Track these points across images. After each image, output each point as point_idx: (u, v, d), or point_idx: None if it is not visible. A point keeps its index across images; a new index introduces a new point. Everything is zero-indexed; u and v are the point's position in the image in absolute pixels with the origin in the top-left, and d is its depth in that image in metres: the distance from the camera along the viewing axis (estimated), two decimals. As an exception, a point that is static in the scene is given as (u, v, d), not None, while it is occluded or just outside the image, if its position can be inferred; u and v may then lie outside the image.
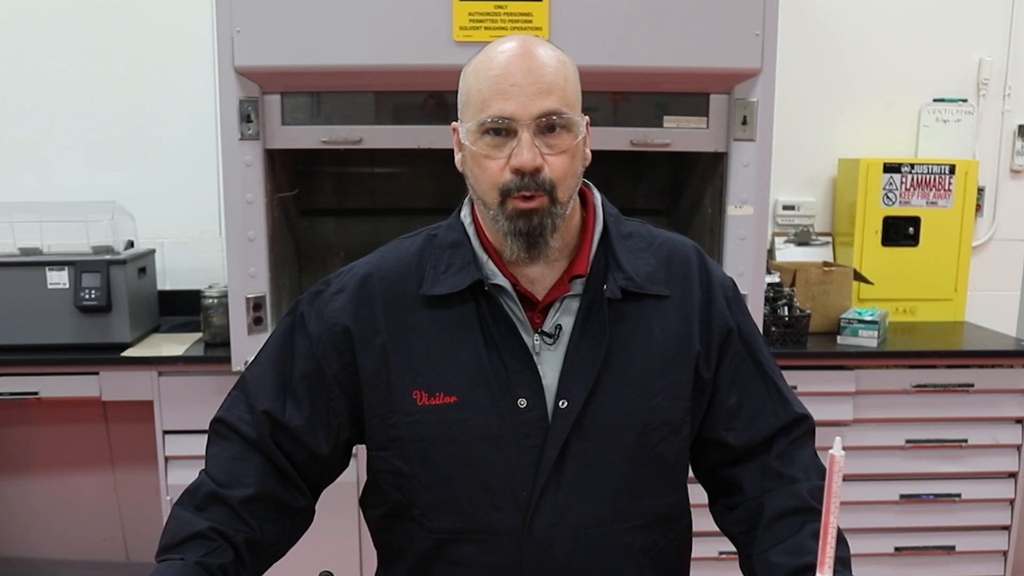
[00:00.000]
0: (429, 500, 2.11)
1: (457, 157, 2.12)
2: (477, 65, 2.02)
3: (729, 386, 2.18)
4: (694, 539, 2.41)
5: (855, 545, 4.88)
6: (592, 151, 2.08)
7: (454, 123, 2.10)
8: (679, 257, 2.20)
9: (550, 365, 2.07)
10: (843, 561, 1.91)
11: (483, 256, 2.11)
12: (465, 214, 2.19)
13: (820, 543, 1.69)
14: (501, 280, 2.07)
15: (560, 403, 2.04)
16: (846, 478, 4.96)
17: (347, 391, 2.15)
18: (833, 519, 1.67)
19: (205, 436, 2.23)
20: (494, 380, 2.05)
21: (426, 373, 2.08)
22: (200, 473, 2.15)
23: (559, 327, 2.09)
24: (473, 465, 2.06)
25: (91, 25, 5.27)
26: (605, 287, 2.09)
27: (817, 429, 2.28)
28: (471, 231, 2.15)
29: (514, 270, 2.10)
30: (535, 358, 2.06)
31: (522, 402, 2.04)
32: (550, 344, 2.08)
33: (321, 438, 2.16)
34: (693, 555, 2.41)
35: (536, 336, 2.08)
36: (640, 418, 2.08)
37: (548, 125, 1.96)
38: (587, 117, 2.07)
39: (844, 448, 1.82)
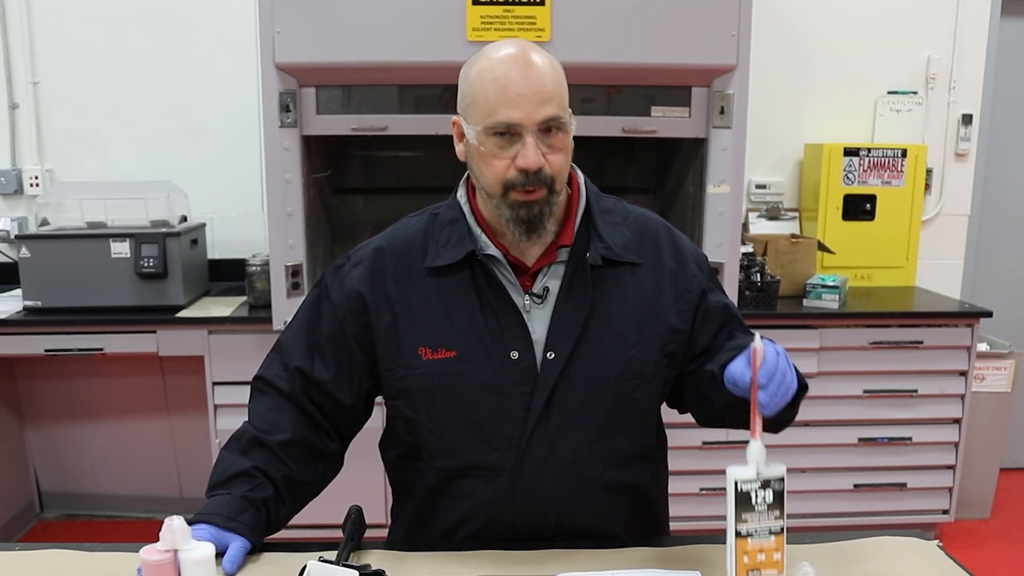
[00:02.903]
0: (434, 443, 2.17)
1: (458, 147, 2.17)
2: (481, 72, 2.04)
3: (701, 330, 2.23)
4: (675, 477, 2.48)
5: (819, 482, 4.99)
6: (587, 137, 2.11)
7: (455, 117, 2.15)
8: (650, 231, 2.25)
9: (539, 322, 2.13)
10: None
11: (477, 230, 2.16)
12: (461, 194, 2.24)
13: (751, 416, 1.80)
14: (492, 250, 2.13)
15: (548, 355, 2.10)
16: (810, 423, 5.03)
17: (364, 348, 2.20)
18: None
19: (249, 387, 2.29)
20: (488, 336, 2.11)
21: (430, 332, 2.13)
22: (243, 423, 2.22)
23: (547, 289, 2.14)
24: (471, 410, 2.12)
25: (150, 30, 5.29)
26: (588, 255, 2.13)
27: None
28: (466, 208, 2.20)
29: (505, 241, 2.15)
30: (525, 316, 2.12)
31: (514, 354, 2.10)
32: (539, 304, 2.13)
33: (346, 390, 2.23)
34: (673, 491, 2.47)
35: (526, 297, 2.13)
36: (618, 368, 2.14)
37: (546, 128, 2.01)
38: (570, 111, 2.10)
39: (808, 398, 1.89)
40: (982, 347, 5.30)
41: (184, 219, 5.10)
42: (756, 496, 1.76)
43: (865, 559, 2.06)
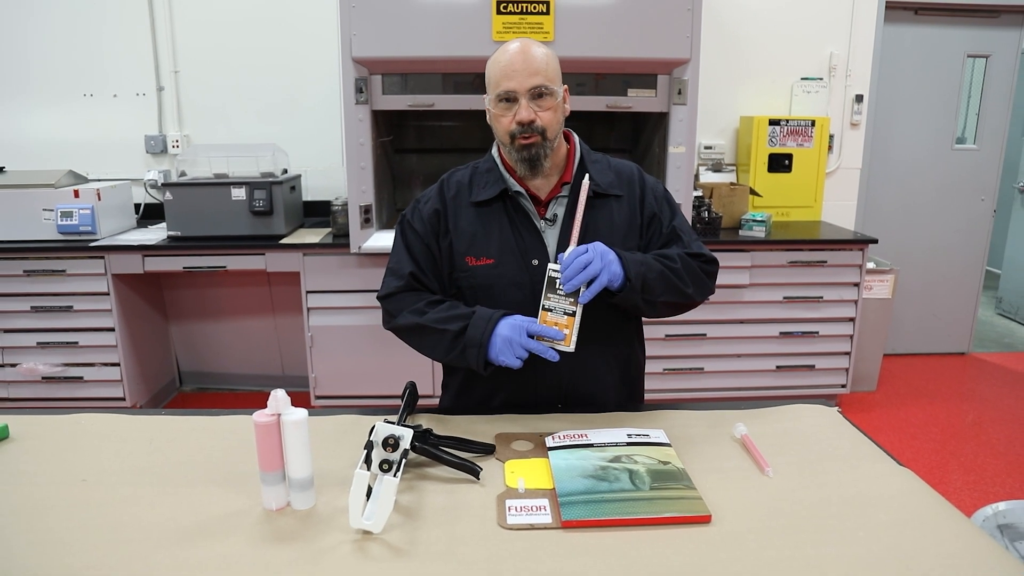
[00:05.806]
0: None
1: (488, 116, 2.22)
2: (494, 59, 2.15)
3: (654, 240, 2.25)
4: (649, 361, 2.50)
5: (749, 364, 4.94)
6: (579, 111, 2.13)
7: (485, 95, 2.21)
8: (626, 174, 2.30)
9: (551, 238, 2.19)
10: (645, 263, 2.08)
11: (506, 175, 2.22)
12: (494, 152, 2.29)
13: (570, 240, 2.00)
14: (518, 188, 2.20)
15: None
16: (744, 321, 4.92)
17: (441, 255, 2.25)
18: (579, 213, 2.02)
19: (335, 294, 2.31)
20: (516, 248, 2.18)
21: (475, 246, 2.20)
22: (402, 314, 2.19)
23: (556, 215, 2.21)
24: (504, 301, 2.16)
25: (261, 32, 5.24)
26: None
27: (724, 290, 2.30)
28: (498, 160, 2.26)
29: (526, 182, 2.22)
30: (542, 234, 2.19)
31: (534, 261, 2.16)
32: (551, 225, 2.20)
33: (435, 281, 2.25)
34: (646, 370, 2.46)
35: (542, 221, 2.20)
36: None
37: (537, 93, 2.10)
38: (566, 86, 2.19)
39: (741, 302, 1.87)
40: (870, 265, 5.29)
41: (285, 171, 5.10)
42: (557, 283, 1.95)
43: (784, 421, 2.07)
